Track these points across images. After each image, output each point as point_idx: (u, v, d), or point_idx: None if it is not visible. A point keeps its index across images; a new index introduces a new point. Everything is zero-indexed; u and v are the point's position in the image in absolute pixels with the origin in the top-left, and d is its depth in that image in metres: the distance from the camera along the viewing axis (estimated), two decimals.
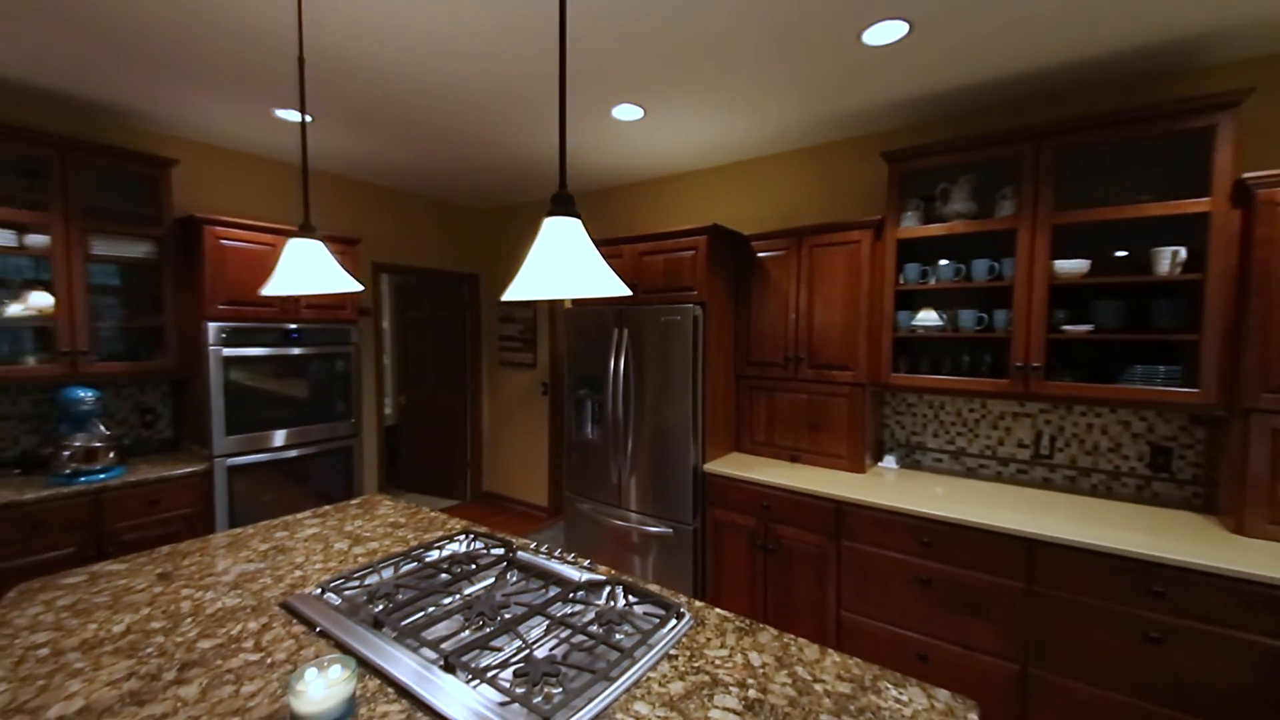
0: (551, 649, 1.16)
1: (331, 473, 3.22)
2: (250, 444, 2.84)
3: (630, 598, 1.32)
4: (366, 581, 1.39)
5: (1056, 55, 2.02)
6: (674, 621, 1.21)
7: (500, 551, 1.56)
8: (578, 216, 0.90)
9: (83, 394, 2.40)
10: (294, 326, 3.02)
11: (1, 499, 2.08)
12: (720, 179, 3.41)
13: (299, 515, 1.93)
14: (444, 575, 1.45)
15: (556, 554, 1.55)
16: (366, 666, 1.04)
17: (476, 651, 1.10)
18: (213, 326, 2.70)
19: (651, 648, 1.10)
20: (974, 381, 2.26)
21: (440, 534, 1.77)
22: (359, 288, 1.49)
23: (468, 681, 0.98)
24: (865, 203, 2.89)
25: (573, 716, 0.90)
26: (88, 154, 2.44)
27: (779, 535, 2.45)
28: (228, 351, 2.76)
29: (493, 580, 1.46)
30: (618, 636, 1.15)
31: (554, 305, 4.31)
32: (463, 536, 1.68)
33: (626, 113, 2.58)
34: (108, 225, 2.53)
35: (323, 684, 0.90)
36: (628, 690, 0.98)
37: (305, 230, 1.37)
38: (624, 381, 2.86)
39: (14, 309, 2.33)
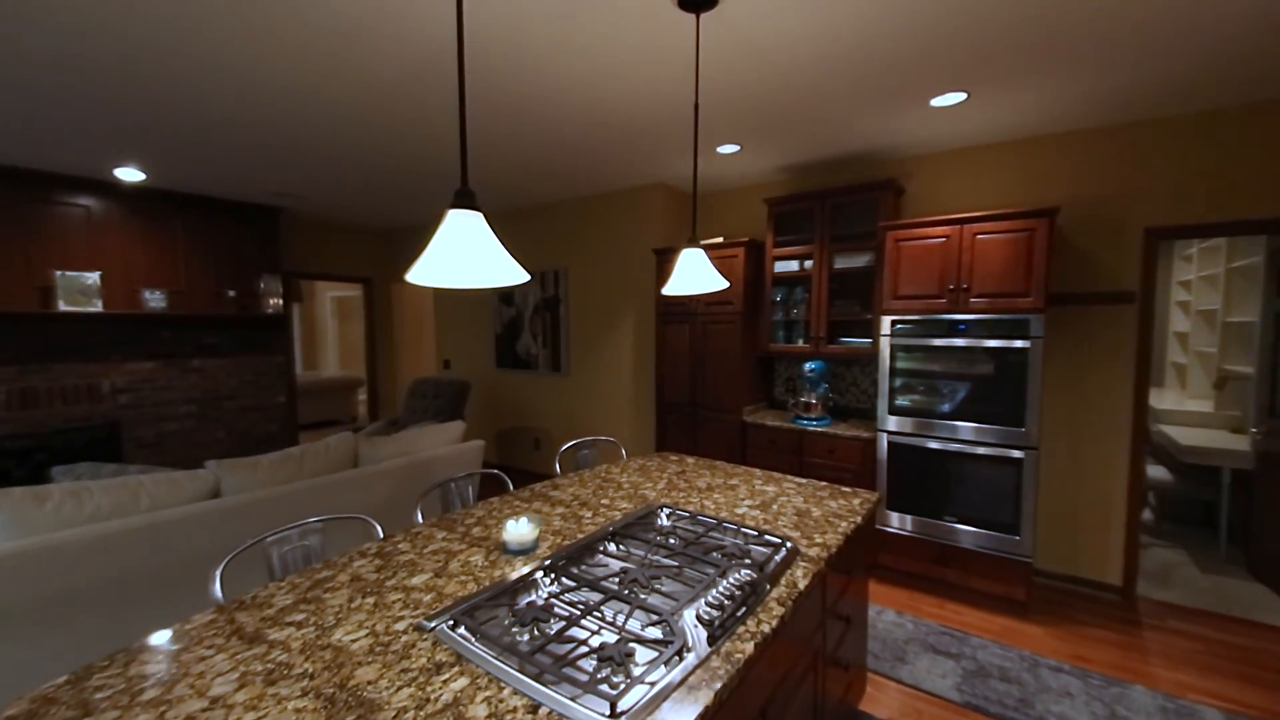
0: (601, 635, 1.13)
1: (992, 482, 2.87)
2: (911, 426, 3.08)
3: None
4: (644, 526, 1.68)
5: None
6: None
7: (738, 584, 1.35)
8: (479, 210, 0.97)
9: (810, 366, 3.51)
10: (961, 318, 2.91)
11: (761, 421, 3.54)
12: None
13: (736, 470, 2.20)
14: (668, 548, 1.47)
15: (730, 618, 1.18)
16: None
17: (571, 593, 1.29)
18: (886, 319, 3.12)
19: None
20: None
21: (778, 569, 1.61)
22: (725, 284, 1.68)
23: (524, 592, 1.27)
24: None
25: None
26: (838, 195, 3.43)
27: None
28: (895, 341, 3.10)
29: (666, 577, 1.34)
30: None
31: None
32: (776, 554, 1.50)
33: None
34: (844, 246, 3.46)
35: (515, 527, 1.51)
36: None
37: (691, 241, 1.75)
38: None
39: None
